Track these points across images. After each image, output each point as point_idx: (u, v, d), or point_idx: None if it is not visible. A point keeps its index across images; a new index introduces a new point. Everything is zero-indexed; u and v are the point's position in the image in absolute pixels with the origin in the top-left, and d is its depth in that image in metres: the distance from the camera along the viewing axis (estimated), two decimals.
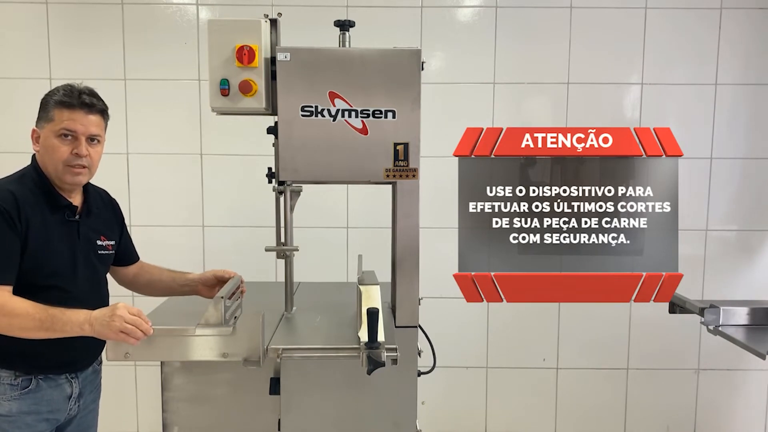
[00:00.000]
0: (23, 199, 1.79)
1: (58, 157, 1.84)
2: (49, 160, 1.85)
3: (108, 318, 1.67)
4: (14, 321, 1.68)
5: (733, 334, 2.32)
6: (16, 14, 3.25)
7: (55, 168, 1.85)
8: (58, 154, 1.84)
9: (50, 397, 1.86)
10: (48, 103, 1.86)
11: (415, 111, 1.93)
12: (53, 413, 1.88)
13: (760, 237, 3.41)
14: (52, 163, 1.85)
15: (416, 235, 1.99)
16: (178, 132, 3.30)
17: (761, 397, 3.51)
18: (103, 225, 2.03)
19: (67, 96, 1.86)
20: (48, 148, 1.85)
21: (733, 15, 3.27)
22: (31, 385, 1.82)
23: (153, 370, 2.06)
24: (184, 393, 1.94)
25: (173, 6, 3.26)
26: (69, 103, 1.85)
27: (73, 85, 1.91)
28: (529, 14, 3.27)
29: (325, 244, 3.31)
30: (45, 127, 1.85)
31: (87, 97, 1.89)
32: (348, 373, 1.88)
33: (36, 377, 1.83)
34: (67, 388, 1.92)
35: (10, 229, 1.74)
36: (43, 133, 1.86)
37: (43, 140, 1.85)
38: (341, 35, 2.04)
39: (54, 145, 1.84)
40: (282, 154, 1.94)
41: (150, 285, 2.21)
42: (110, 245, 2.04)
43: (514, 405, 3.51)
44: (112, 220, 2.10)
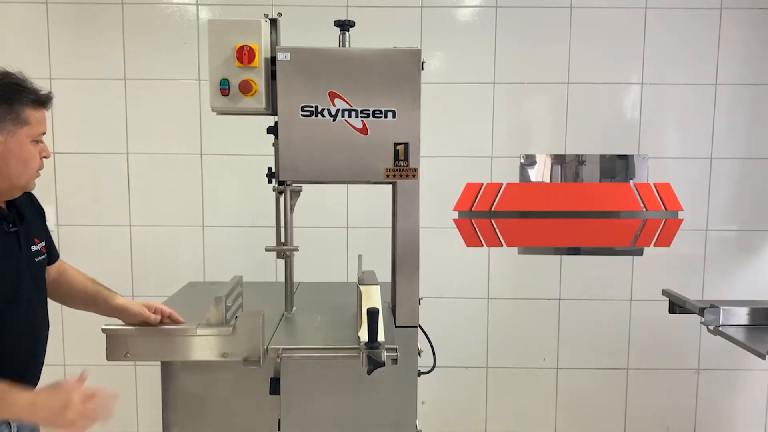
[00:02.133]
0: None
1: (34, 166, 1.62)
2: (22, 169, 1.59)
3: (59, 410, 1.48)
4: None
5: (733, 334, 2.32)
6: (16, 14, 3.25)
7: (28, 177, 1.63)
8: (34, 161, 1.62)
9: None
10: (16, 101, 1.56)
11: (415, 111, 1.93)
12: None
13: (760, 237, 3.41)
14: (26, 172, 1.61)
15: (416, 235, 1.99)
16: (178, 132, 3.30)
17: (761, 397, 3.51)
18: (33, 226, 1.76)
19: (38, 94, 1.60)
20: (22, 156, 1.58)
21: (733, 15, 3.27)
22: None
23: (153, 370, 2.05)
24: (184, 393, 1.94)
25: (173, 6, 3.26)
26: (42, 102, 1.62)
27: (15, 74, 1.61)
28: (529, 14, 3.27)
29: (325, 244, 3.31)
30: (17, 131, 1.56)
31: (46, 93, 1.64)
32: (348, 373, 1.88)
33: None
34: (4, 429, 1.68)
35: None
36: (15, 139, 1.56)
37: (16, 148, 1.57)
38: (341, 35, 2.04)
39: (31, 153, 1.60)
40: (282, 154, 1.94)
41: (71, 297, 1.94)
42: (43, 247, 1.78)
43: (514, 405, 3.51)
44: (39, 218, 1.83)
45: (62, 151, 3.26)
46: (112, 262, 3.29)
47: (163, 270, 3.30)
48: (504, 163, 3.34)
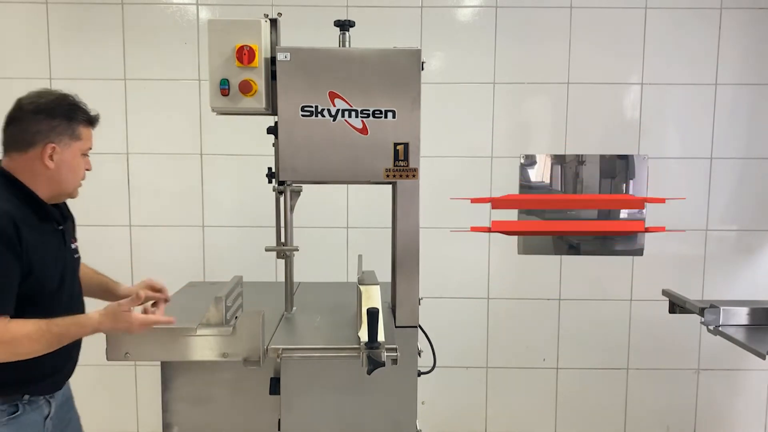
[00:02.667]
0: (18, 218, 1.68)
1: (80, 175, 1.86)
2: (71, 178, 1.82)
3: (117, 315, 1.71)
4: (18, 348, 1.65)
5: (733, 334, 2.32)
6: (16, 14, 3.25)
7: (75, 184, 1.86)
8: (81, 172, 1.86)
9: (32, 421, 1.84)
10: (73, 119, 1.79)
11: (415, 111, 1.93)
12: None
13: (760, 237, 3.41)
14: (74, 181, 1.84)
15: (416, 235, 1.99)
16: (178, 132, 3.30)
17: (761, 397, 3.51)
18: (71, 227, 1.99)
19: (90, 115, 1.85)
20: (73, 167, 1.81)
21: (733, 15, 3.28)
22: (18, 410, 1.80)
23: (153, 370, 2.06)
24: (184, 393, 1.94)
25: (173, 6, 3.26)
26: (93, 122, 1.86)
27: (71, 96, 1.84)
28: (529, 14, 3.27)
29: (325, 244, 3.31)
30: (72, 145, 1.79)
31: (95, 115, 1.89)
32: (348, 373, 1.88)
33: (21, 402, 1.80)
34: (45, 409, 1.88)
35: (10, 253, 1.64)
36: (69, 151, 1.79)
37: (69, 159, 1.79)
38: (341, 35, 2.04)
39: (79, 165, 1.84)
40: (282, 154, 1.94)
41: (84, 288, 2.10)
42: (77, 247, 2.00)
43: (514, 405, 3.51)
44: (72, 220, 2.04)
45: None
46: (112, 262, 3.28)
47: (163, 270, 3.29)
48: (504, 163, 3.34)
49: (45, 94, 1.80)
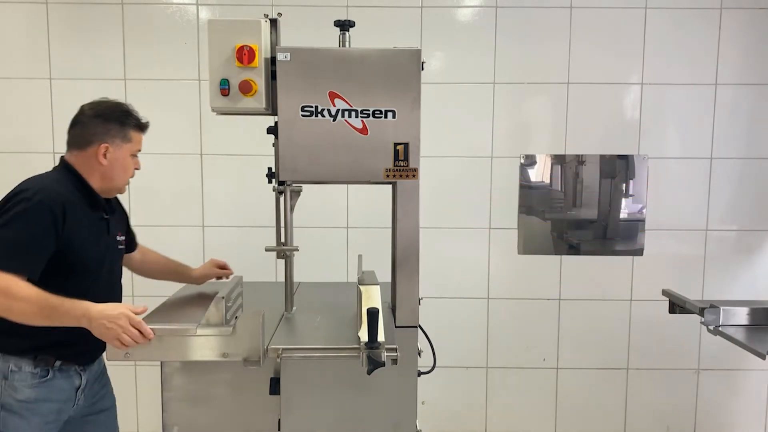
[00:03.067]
0: (70, 202, 1.92)
1: (129, 174, 2.11)
2: (121, 175, 2.07)
3: (108, 322, 1.72)
4: (14, 304, 1.75)
5: (733, 334, 2.32)
6: (16, 14, 3.25)
7: (124, 181, 2.11)
8: (130, 171, 2.11)
9: (62, 387, 1.98)
10: (126, 124, 2.04)
11: (415, 111, 1.93)
12: (64, 402, 2.00)
13: (760, 237, 3.41)
14: (123, 178, 2.09)
15: (416, 235, 1.99)
16: (178, 132, 3.30)
17: (761, 397, 3.51)
18: (119, 220, 2.21)
19: (140, 121, 2.09)
20: (124, 165, 2.06)
21: (733, 15, 3.28)
22: (48, 375, 1.94)
23: (153, 370, 2.06)
24: (184, 393, 1.94)
25: (173, 6, 3.26)
26: (142, 127, 2.11)
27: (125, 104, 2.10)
28: (529, 14, 3.27)
29: (325, 244, 3.31)
30: (123, 146, 2.04)
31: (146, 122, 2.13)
32: (348, 373, 1.88)
33: (53, 367, 1.95)
34: (76, 379, 2.02)
35: (52, 228, 1.84)
36: (120, 151, 2.04)
37: (121, 158, 2.04)
38: (341, 35, 2.04)
39: (129, 164, 2.09)
40: (282, 154, 1.94)
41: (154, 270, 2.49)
42: (123, 241, 2.23)
43: (514, 405, 3.51)
44: (122, 216, 2.28)
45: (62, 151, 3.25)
46: None
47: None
48: (504, 163, 3.34)
49: (104, 102, 2.08)
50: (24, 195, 1.86)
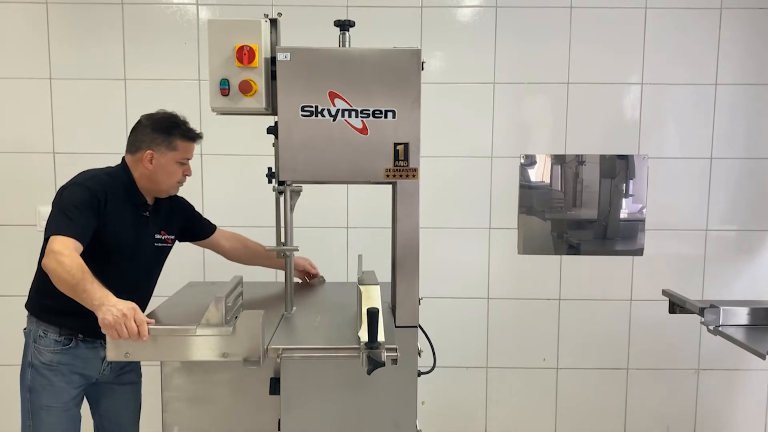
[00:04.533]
0: (113, 193, 2.17)
1: (175, 179, 2.28)
2: (166, 180, 2.25)
3: (116, 311, 1.77)
4: (58, 269, 1.89)
5: (733, 334, 2.32)
6: (16, 14, 3.25)
7: (169, 185, 2.28)
8: (176, 176, 2.28)
9: (86, 356, 2.22)
10: (172, 134, 2.22)
11: (415, 111, 1.93)
12: (86, 369, 2.24)
13: (760, 237, 3.41)
14: (168, 182, 2.26)
15: (416, 235, 1.99)
16: None
17: (761, 397, 3.51)
18: (165, 221, 2.38)
19: (189, 132, 2.26)
20: (169, 171, 2.24)
21: (733, 15, 3.28)
22: (71, 343, 2.19)
23: (153, 370, 2.06)
24: (184, 393, 1.94)
25: (173, 6, 3.26)
26: (191, 137, 2.27)
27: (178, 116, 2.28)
28: (529, 14, 3.27)
29: (325, 244, 3.31)
30: (167, 154, 2.22)
31: (197, 131, 2.30)
32: (348, 373, 1.88)
33: (76, 338, 2.19)
34: (102, 351, 2.18)
35: (95, 207, 2.09)
36: (164, 158, 2.22)
37: (164, 164, 2.22)
38: (341, 35, 2.04)
39: (174, 170, 2.26)
40: (282, 154, 1.94)
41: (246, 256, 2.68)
42: (169, 239, 2.41)
43: (514, 405, 3.51)
44: (173, 217, 2.44)
45: (62, 151, 3.27)
46: None
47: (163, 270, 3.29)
48: (504, 163, 3.34)
49: (158, 114, 2.28)
50: (77, 179, 2.17)
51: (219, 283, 2.44)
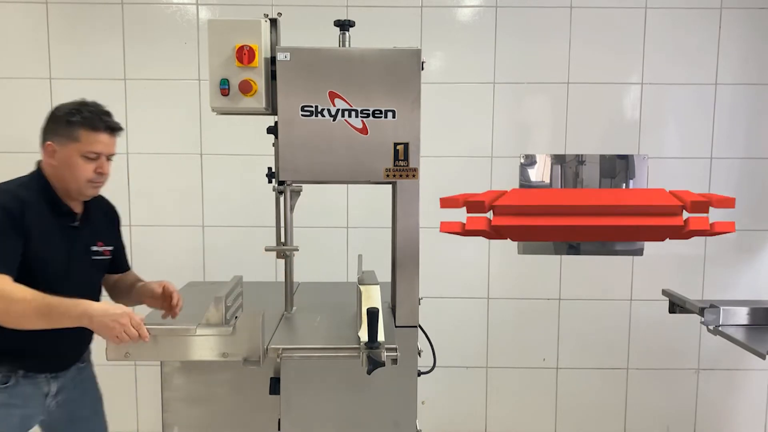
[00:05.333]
0: (29, 204, 1.86)
1: (82, 176, 1.92)
2: (70, 176, 1.92)
3: (111, 321, 1.70)
4: (12, 306, 1.72)
5: (733, 334, 2.32)
6: (16, 14, 3.25)
7: (78, 184, 1.93)
8: (83, 172, 1.92)
9: (26, 393, 1.94)
10: (72, 123, 1.90)
11: (415, 111, 1.93)
12: (27, 407, 1.95)
13: (760, 237, 3.41)
14: (74, 180, 1.93)
15: (416, 235, 1.99)
16: (178, 132, 3.30)
17: (761, 397, 3.51)
18: (101, 230, 2.10)
19: (93, 119, 1.92)
20: (71, 165, 1.91)
21: (733, 15, 3.28)
22: (9, 381, 1.91)
23: (153, 370, 2.06)
24: (184, 393, 1.94)
25: (173, 6, 3.26)
26: (96, 126, 1.92)
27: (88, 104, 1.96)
28: (529, 14, 3.27)
29: (325, 244, 3.31)
30: (68, 145, 1.90)
31: (110, 121, 1.97)
32: (348, 373, 1.88)
33: (16, 375, 1.91)
34: (44, 386, 1.98)
35: (14, 229, 1.80)
36: (65, 151, 1.91)
37: (66, 158, 1.91)
38: (341, 35, 2.04)
39: (78, 164, 1.91)
40: (282, 154, 1.94)
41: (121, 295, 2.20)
42: (107, 251, 2.11)
43: (514, 405, 3.51)
44: (110, 226, 2.18)
45: None
46: None
47: (163, 270, 3.29)
48: (504, 162, 3.34)
49: (70, 103, 1.96)
50: None
51: (219, 283, 2.43)
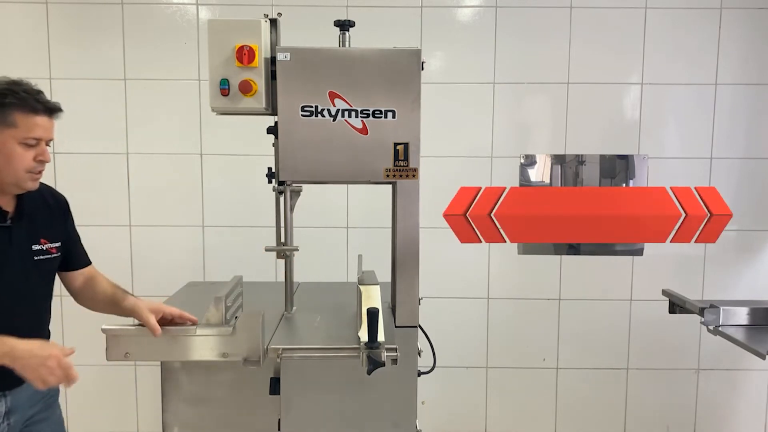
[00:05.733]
0: None
1: (20, 165, 1.71)
2: (5, 166, 1.70)
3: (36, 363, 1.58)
4: None
5: (733, 334, 2.32)
6: (16, 14, 3.25)
7: (15, 176, 1.72)
8: (22, 162, 1.71)
9: None
10: (4, 104, 1.68)
11: (415, 111, 1.93)
12: None
13: (760, 237, 3.41)
14: (10, 171, 1.71)
15: (416, 235, 1.99)
16: (178, 132, 3.30)
17: (761, 397, 3.51)
18: (42, 226, 1.87)
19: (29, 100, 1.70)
20: (8, 154, 1.69)
21: (733, 15, 3.27)
22: None
23: (153, 370, 2.05)
24: (184, 393, 1.94)
25: (173, 6, 3.26)
26: (34, 108, 1.71)
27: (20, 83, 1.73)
28: (529, 14, 3.27)
29: (325, 244, 3.31)
30: (3, 131, 1.68)
31: (48, 101, 1.76)
32: (348, 373, 1.88)
33: None
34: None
35: None
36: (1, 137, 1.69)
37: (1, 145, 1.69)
38: (341, 35, 2.04)
39: (17, 153, 1.70)
40: (282, 154, 1.94)
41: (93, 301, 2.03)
42: (53, 248, 1.89)
43: (514, 405, 3.51)
44: (55, 219, 1.94)
45: (62, 151, 3.26)
46: (112, 262, 3.28)
47: (163, 270, 3.30)
48: (504, 163, 3.34)
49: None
50: None
51: (219, 283, 2.44)
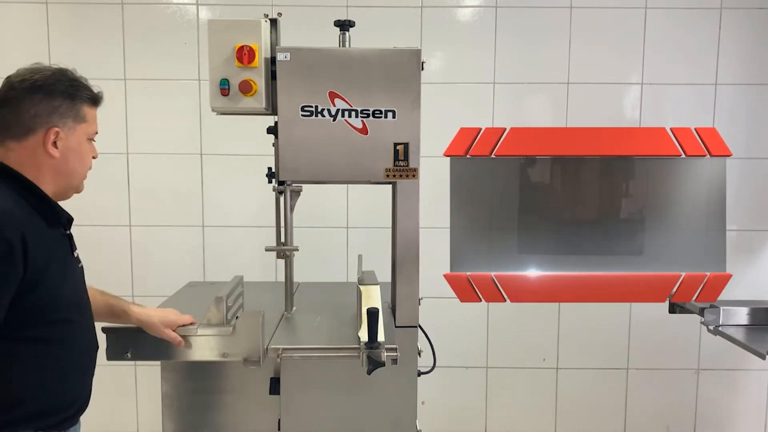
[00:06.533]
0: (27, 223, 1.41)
1: (88, 164, 1.58)
2: (79, 167, 1.55)
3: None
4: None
5: (733, 334, 2.32)
6: (16, 14, 3.25)
7: (81, 178, 1.58)
8: (89, 160, 1.57)
9: None
10: (76, 97, 1.53)
11: (415, 111, 1.93)
12: None
13: (760, 237, 3.41)
14: (82, 171, 1.56)
15: (416, 235, 1.99)
16: (178, 132, 3.30)
17: (761, 397, 3.51)
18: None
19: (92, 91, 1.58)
20: (80, 153, 1.54)
21: (733, 15, 3.27)
22: None
23: (153, 370, 2.06)
24: (184, 393, 1.94)
25: (173, 6, 3.26)
26: (96, 100, 1.59)
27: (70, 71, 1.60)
28: (529, 14, 3.27)
29: (325, 244, 3.31)
30: (76, 129, 1.52)
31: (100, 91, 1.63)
32: (348, 373, 1.88)
33: None
34: None
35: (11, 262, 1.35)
36: (74, 135, 1.51)
37: (75, 144, 1.52)
38: (341, 35, 2.04)
39: (86, 151, 1.56)
40: (282, 154, 1.94)
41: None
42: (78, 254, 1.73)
43: (514, 405, 3.51)
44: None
45: None
46: (112, 262, 3.29)
47: (163, 270, 3.30)
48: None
49: (40, 70, 1.52)
50: None
51: (219, 283, 2.44)
